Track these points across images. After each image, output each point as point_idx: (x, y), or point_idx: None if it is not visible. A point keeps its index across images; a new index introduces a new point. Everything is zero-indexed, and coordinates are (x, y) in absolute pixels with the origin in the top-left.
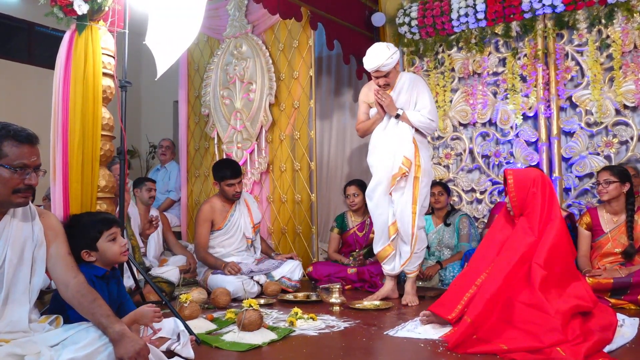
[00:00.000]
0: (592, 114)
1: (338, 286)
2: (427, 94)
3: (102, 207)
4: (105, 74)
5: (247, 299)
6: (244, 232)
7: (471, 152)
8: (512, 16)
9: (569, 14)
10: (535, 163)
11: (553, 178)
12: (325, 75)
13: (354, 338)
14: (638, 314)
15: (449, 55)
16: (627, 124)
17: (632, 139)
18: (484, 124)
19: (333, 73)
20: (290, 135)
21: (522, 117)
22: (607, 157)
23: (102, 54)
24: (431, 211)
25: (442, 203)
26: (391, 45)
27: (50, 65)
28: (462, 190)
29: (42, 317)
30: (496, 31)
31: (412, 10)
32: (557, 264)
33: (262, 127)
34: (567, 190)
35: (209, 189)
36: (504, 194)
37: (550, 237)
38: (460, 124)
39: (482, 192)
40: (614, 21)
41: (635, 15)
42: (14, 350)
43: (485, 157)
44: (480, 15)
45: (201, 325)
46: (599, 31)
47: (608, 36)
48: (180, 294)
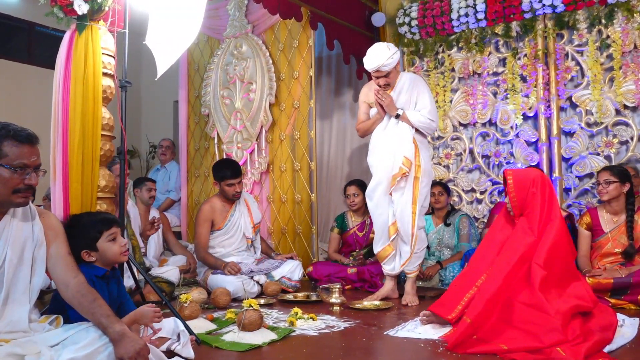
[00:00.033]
0: (592, 114)
1: (338, 286)
2: (427, 94)
3: (102, 207)
4: (105, 74)
5: (247, 299)
6: (244, 232)
7: (471, 152)
8: (512, 16)
9: (569, 14)
10: (536, 163)
11: (553, 178)
12: (326, 75)
13: (354, 338)
14: (638, 314)
15: (449, 55)
16: (627, 124)
17: (632, 139)
18: (484, 124)
19: (333, 73)
20: (290, 135)
21: (522, 117)
22: (607, 157)
23: (102, 54)
24: (431, 211)
25: (442, 203)
26: (391, 45)
27: (50, 65)
28: (462, 190)
29: (42, 317)
30: (496, 31)
31: (412, 10)
32: (557, 264)
33: (262, 127)
34: (567, 191)
35: (209, 189)
36: (504, 194)
37: (550, 237)
38: (461, 124)
39: (482, 192)
40: (614, 21)
41: (635, 15)
42: (14, 350)
43: (486, 157)
44: (481, 15)
45: (201, 325)
46: (599, 31)
47: (608, 36)
48: (180, 294)
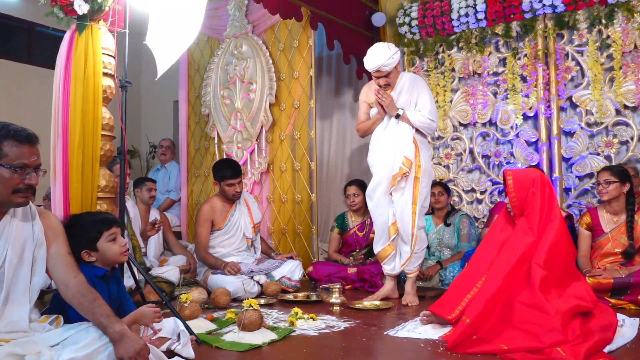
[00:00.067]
0: (592, 114)
1: (338, 286)
2: (427, 94)
3: (102, 207)
4: (105, 74)
5: (247, 299)
6: (244, 232)
7: (471, 152)
8: (512, 16)
9: (569, 14)
10: (536, 163)
11: (553, 178)
12: (326, 75)
13: (354, 338)
14: (638, 314)
15: (449, 55)
16: (627, 124)
17: (632, 139)
18: (484, 124)
19: (333, 73)
20: (290, 135)
21: (522, 117)
22: (607, 157)
23: (103, 53)
24: (431, 211)
25: (442, 203)
26: (392, 45)
27: (51, 65)
28: (462, 190)
29: (42, 317)
30: (496, 31)
31: (413, 10)
32: (557, 264)
33: (262, 127)
34: (567, 191)
35: (209, 189)
36: (504, 194)
37: (550, 237)
38: (461, 124)
39: (482, 192)
40: (614, 21)
41: (635, 15)
42: (14, 350)
43: (486, 157)
44: (481, 15)
45: (201, 325)
46: (599, 31)
47: (608, 36)
48: (181, 294)
